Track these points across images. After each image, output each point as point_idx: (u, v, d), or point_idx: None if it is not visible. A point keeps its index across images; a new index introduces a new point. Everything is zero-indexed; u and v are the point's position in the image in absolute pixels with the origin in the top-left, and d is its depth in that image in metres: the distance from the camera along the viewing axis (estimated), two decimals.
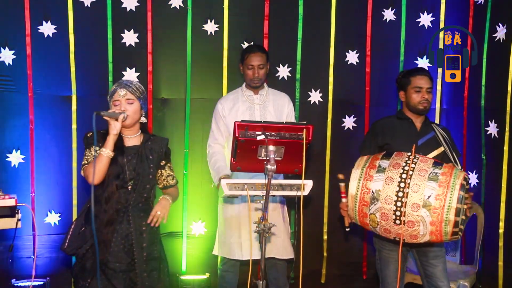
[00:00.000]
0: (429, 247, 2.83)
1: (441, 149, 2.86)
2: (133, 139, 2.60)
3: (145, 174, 2.58)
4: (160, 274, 2.63)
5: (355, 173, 2.59)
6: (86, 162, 2.51)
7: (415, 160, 2.49)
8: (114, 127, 2.40)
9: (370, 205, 2.51)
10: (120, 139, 2.53)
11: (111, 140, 2.42)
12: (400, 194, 2.42)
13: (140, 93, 2.56)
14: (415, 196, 2.39)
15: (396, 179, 2.45)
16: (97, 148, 2.48)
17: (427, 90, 2.92)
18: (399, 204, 2.42)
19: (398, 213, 2.42)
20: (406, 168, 2.46)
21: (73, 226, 2.58)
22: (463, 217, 2.50)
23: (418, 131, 2.94)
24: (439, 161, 2.54)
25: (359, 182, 2.55)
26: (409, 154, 2.54)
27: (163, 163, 2.67)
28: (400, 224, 2.43)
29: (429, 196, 2.37)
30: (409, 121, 2.96)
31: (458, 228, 2.40)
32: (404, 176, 2.44)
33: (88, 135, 2.56)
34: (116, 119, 2.40)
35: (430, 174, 2.41)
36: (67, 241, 2.55)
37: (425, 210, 2.37)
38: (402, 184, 2.43)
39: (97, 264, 2.35)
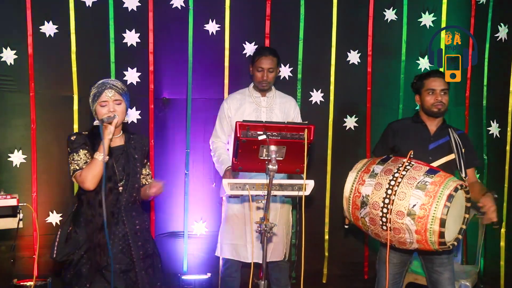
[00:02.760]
0: (435, 254, 2.78)
1: (452, 156, 2.80)
2: (117, 139, 2.57)
3: (134, 173, 2.56)
4: (155, 270, 2.61)
5: (351, 176, 2.59)
6: (77, 167, 2.45)
7: (408, 167, 2.46)
8: (110, 132, 2.39)
9: (360, 209, 2.51)
10: None
11: (106, 145, 2.39)
12: (387, 201, 2.40)
13: (125, 92, 2.53)
14: (400, 204, 2.37)
15: (384, 185, 2.43)
16: (86, 151, 2.46)
17: (441, 92, 2.87)
18: (385, 210, 2.40)
19: (384, 219, 2.41)
20: (397, 175, 2.44)
21: (59, 233, 2.51)
22: (464, 226, 2.47)
23: (431, 135, 2.89)
24: (435, 169, 2.48)
25: (352, 186, 2.56)
26: (404, 160, 2.50)
27: (145, 161, 2.67)
28: (387, 230, 2.42)
29: (414, 205, 2.33)
30: (423, 124, 2.91)
31: (451, 239, 2.38)
32: (392, 183, 2.42)
33: (72, 138, 2.50)
34: (110, 123, 2.40)
35: (419, 182, 2.38)
36: (55, 249, 2.47)
37: (410, 218, 2.34)
38: (389, 191, 2.41)
39: (112, 268, 2.37)
